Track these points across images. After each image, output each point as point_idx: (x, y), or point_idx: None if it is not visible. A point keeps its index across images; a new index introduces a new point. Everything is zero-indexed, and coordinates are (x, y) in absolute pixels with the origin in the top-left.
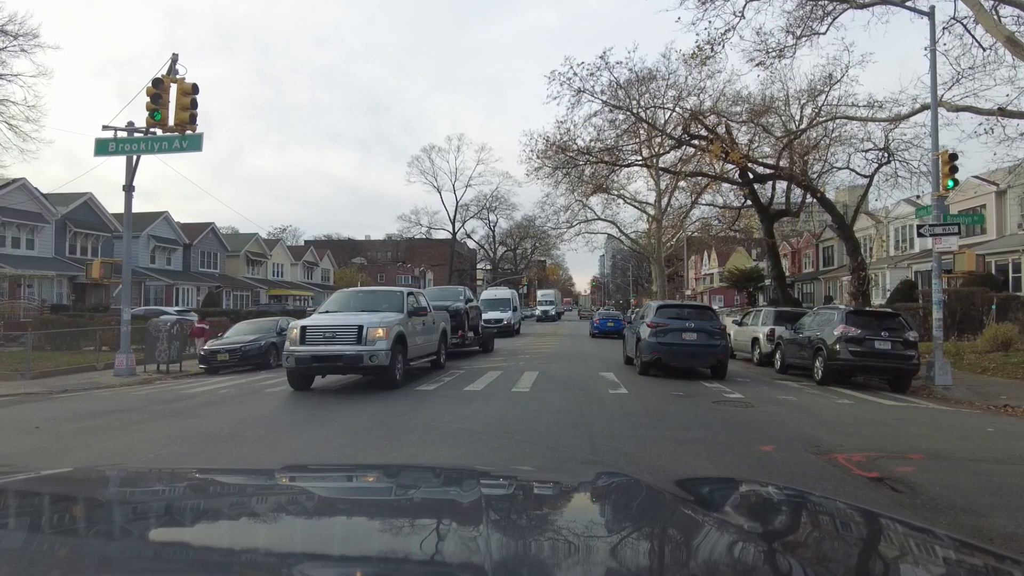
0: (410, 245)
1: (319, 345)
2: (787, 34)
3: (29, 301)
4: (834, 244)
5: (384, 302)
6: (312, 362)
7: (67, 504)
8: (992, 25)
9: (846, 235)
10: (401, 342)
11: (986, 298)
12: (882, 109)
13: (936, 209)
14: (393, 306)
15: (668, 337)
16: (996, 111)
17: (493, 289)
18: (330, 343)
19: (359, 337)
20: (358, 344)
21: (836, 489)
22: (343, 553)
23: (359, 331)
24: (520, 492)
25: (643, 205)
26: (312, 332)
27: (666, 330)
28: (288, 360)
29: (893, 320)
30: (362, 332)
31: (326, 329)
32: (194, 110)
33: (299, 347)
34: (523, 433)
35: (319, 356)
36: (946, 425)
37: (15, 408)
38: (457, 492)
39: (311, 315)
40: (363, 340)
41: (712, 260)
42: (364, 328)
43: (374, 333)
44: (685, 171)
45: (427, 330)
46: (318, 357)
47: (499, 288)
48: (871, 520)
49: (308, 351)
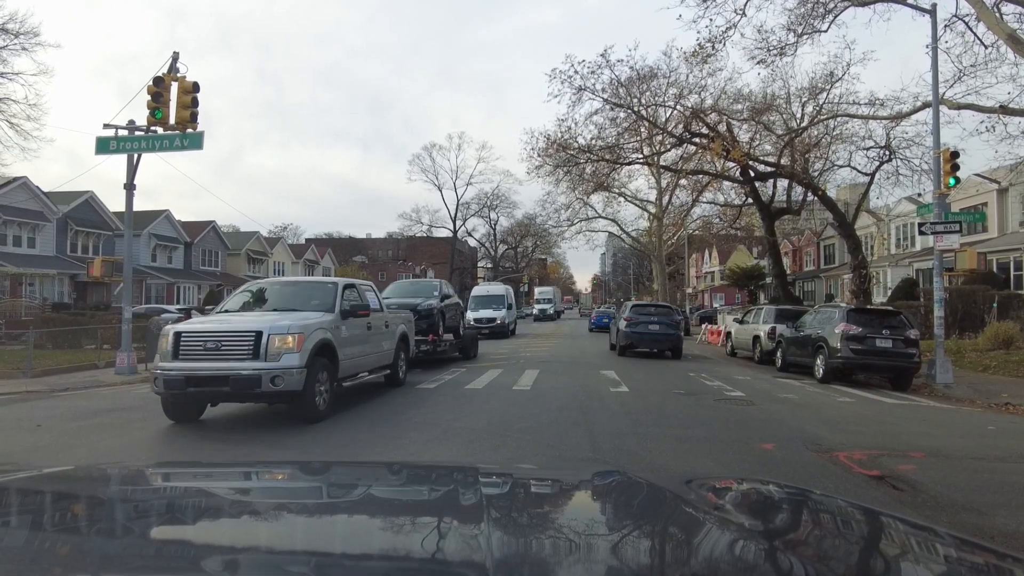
0: (411, 243)
1: (197, 360)
2: (788, 32)
3: (30, 299)
4: (835, 242)
5: (309, 298)
6: (187, 385)
7: (69, 502)
8: (994, 22)
9: (847, 233)
10: (327, 354)
11: (987, 296)
12: (883, 107)
13: (937, 207)
14: (321, 303)
15: (639, 328)
16: (998, 109)
17: (485, 285)
18: (213, 358)
19: (256, 348)
20: (254, 359)
21: (837, 487)
22: (344, 551)
23: (256, 340)
24: (521, 490)
25: (644, 203)
26: (189, 342)
27: (637, 323)
28: (156, 383)
29: (894, 318)
30: (261, 341)
31: (208, 337)
32: (195, 108)
33: (169, 364)
34: (524, 431)
35: (196, 377)
36: (947, 423)
37: (17, 406)
38: (458, 490)
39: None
40: (263, 353)
41: (713, 258)
42: (265, 335)
43: (280, 343)
44: (686, 169)
45: (374, 336)
46: (195, 378)
47: (492, 284)
48: (872, 518)
49: (180, 370)
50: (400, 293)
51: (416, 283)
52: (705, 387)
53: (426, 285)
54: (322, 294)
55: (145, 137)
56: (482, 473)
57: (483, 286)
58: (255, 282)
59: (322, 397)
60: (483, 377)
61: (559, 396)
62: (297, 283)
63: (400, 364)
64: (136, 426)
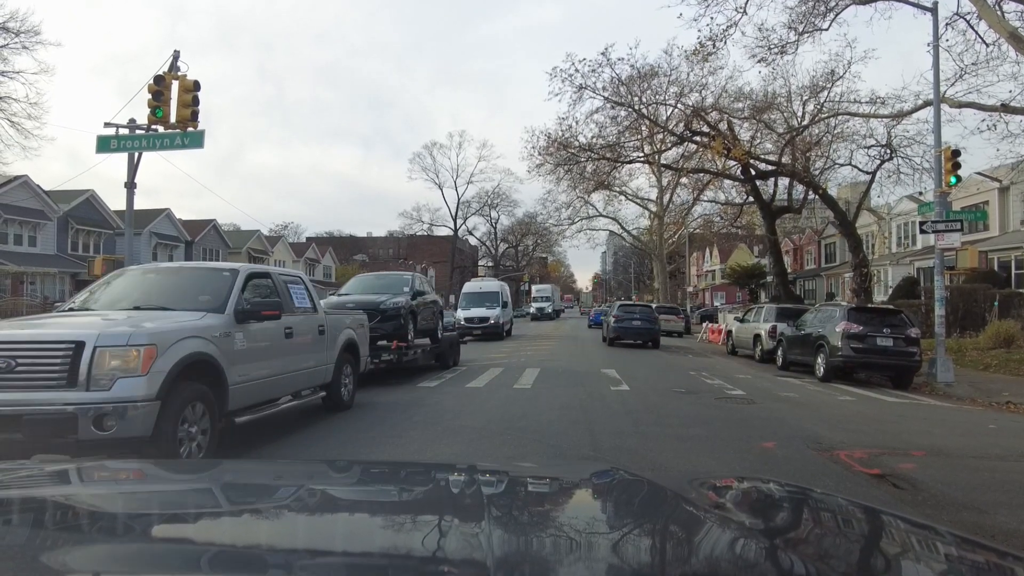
0: (412, 242)
1: None
2: (789, 30)
3: (31, 298)
4: (836, 241)
5: (193, 292)
6: None
7: (71, 498)
8: (995, 21)
9: (848, 232)
10: (204, 376)
11: (988, 295)
12: (884, 105)
13: (939, 206)
14: (210, 300)
15: (623, 323)
16: (999, 107)
17: (477, 280)
18: None
19: (74, 369)
20: (69, 387)
21: (837, 486)
22: (345, 549)
23: (74, 355)
24: (522, 488)
25: (645, 202)
26: None
27: (622, 319)
28: None
29: (895, 317)
30: (82, 358)
31: None
32: (196, 107)
33: None
34: (525, 430)
35: None
36: (948, 422)
37: None
38: (459, 488)
39: None
40: (83, 377)
41: (714, 257)
42: (88, 348)
43: (113, 360)
44: (687, 168)
45: (298, 346)
46: None
47: (485, 279)
48: (872, 517)
49: None
50: (362, 288)
51: (383, 276)
52: (706, 386)
53: (395, 279)
54: (212, 287)
55: (146, 136)
56: (482, 471)
57: (475, 282)
58: (123, 270)
59: (191, 445)
60: (485, 375)
61: (560, 395)
62: (178, 271)
63: (345, 382)
64: None
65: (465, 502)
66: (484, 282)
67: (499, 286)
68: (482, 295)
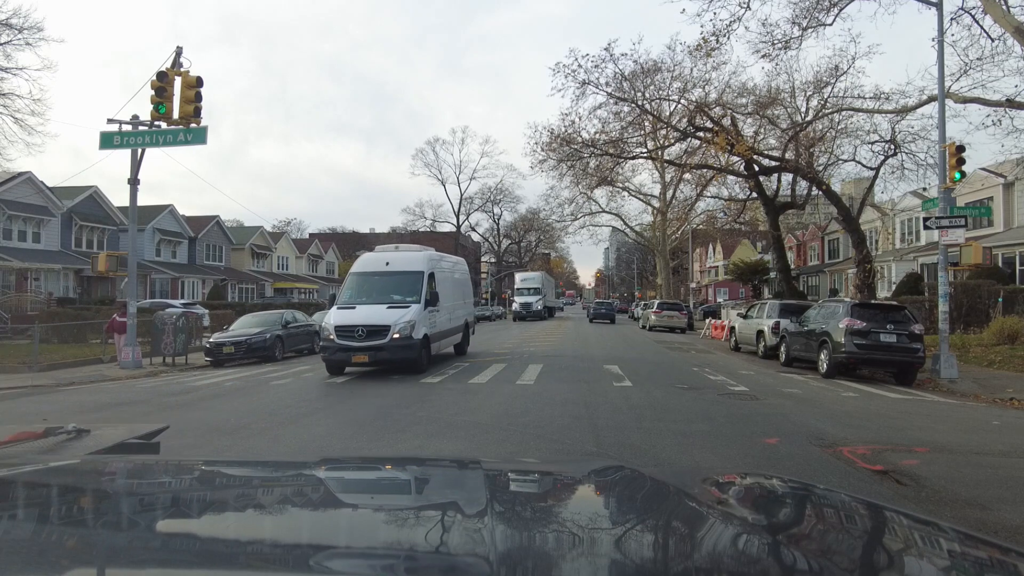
0: (414, 238)
1: None
2: (793, 25)
3: (36, 294)
4: (840, 237)
5: None
6: None
7: (75, 495)
8: (1001, 15)
9: (852, 227)
10: None
11: (993, 291)
12: (888, 101)
13: (943, 201)
14: None
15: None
16: (1004, 102)
17: (382, 251)
18: None
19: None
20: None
21: (841, 482)
22: (348, 544)
23: (390, 327)
24: (524, 484)
25: (648, 198)
26: None
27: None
28: None
29: (899, 313)
30: (390, 329)
31: None
32: (198, 103)
33: None
34: (528, 425)
35: None
36: (951, 418)
37: (23, 400)
38: (462, 483)
39: None
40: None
41: (717, 253)
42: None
43: None
44: (690, 163)
45: None
46: None
47: (390, 251)
48: (876, 513)
49: None
50: None
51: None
52: (709, 382)
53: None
54: None
55: (149, 132)
56: (485, 466)
57: (379, 252)
58: None
59: None
60: (487, 371)
61: (563, 391)
62: None
63: None
64: (141, 420)
65: (467, 497)
66: (386, 255)
67: (424, 262)
68: (386, 280)
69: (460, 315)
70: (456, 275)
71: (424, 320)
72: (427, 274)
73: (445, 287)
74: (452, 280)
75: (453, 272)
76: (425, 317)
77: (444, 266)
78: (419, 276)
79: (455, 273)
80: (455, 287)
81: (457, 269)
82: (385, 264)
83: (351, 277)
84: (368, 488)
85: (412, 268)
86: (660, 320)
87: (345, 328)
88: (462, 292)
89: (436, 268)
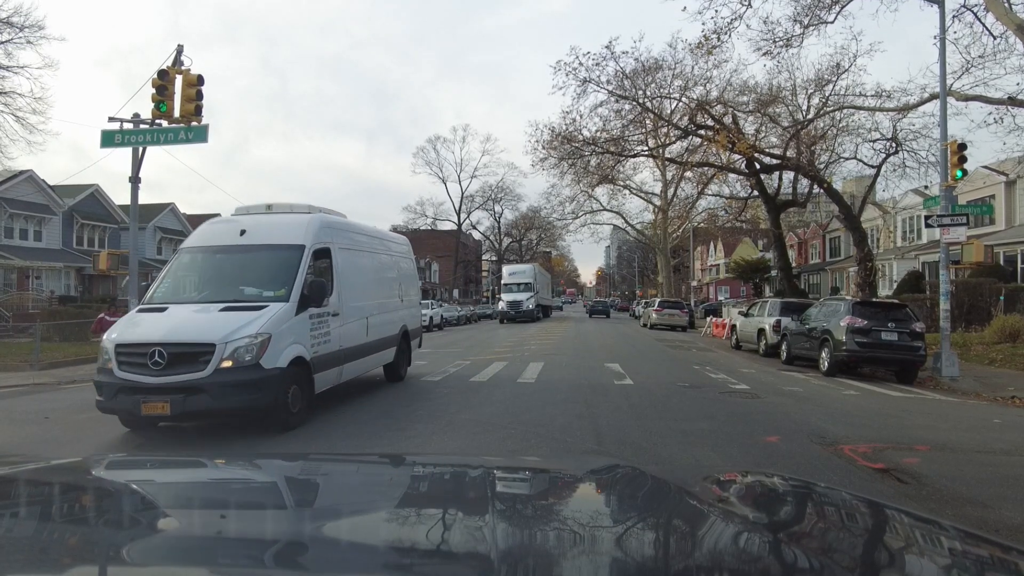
0: (415, 236)
1: None
2: (795, 23)
3: (37, 292)
4: (841, 235)
5: None
6: None
7: (77, 493)
8: (1003, 13)
9: (853, 226)
10: None
11: (994, 289)
12: (890, 99)
13: (944, 199)
14: None
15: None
16: (1006, 100)
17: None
18: None
19: None
20: None
21: (842, 480)
22: (351, 541)
23: None
24: (525, 482)
25: (649, 196)
26: None
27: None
28: None
29: (900, 311)
30: None
31: None
32: (199, 101)
33: None
34: (529, 423)
35: None
36: (952, 416)
37: (24, 398)
38: (463, 481)
39: None
40: None
41: (718, 251)
42: None
43: None
44: (691, 161)
45: None
46: None
47: (283, 211)
48: (876, 511)
49: None
50: None
51: None
52: (710, 380)
53: None
54: None
55: (150, 130)
56: (486, 465)
57: (210, 225)
58: None
59: None
60: (488, 369)
61: (564, 389)
62: None
63: None
64: None
65: (469, 495)
66: (259, 221)
67: (307, 226)
68: (235, 265)
69: (390, 321)
70: (384, 257)
71: (296, 332)
72: (309, 251)
73: (358, 275)
74: (376, 265)
75: (376, 252)
76: (299, 327)
77: (357, 242)
78: (294, 255)
79: (382, 254)
80: (381, 276)
81: (388, 249)
82: (239, 234)
83: (179, 257)
84: (368, 485)
85: (283, 241)
86: (661, 318)
87: (131, 349)
88: (396, 285)
89: (335, 243)
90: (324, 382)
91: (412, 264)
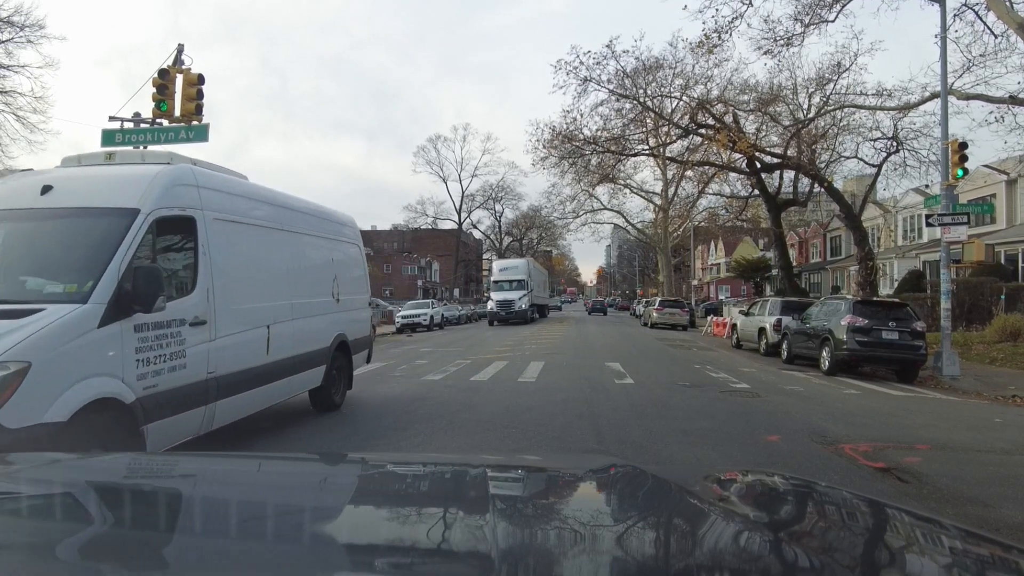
0: (416, 235)
1: None
2: (795, 22)
3: None
4: (841, 234)
5: None
6: None
7: (81, 491)
8: (1004, 12)
9: (854, 225)
10: None
11: (995, 288)
12: (891, 98)
13: (945, 198)
14: None
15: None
16: (1007, 99)
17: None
18: None
19: None
20: None
21: (842, 479)
22: (350, 541)
23: None
24: (526, 481)
25: (650, 195)
26: None
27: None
28: None
29: (901, 310)
30: None
31: None
32: (200, 101)
33: None
34: (529, 423)
35: None
36: (953, 416)
37: None
38: (463, 481)
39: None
40: None
41: (719, 250)
42: None
43: None
44: (692, 160)
45: None
46: None
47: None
48: (877, 510)
49: None
50: None
51: None
52: (710, 379)
53: None
54: None
55: (151, 129)
56: (486, 464)
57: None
58: None
59: None
60: (489, 368)
61: (564, 388)
62: None
63: None
64: None
65: (469, 494)
66: (71, 175)
67: (149, 181)
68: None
69: (315, 330)
70: (307, 239)
71: (100, 355)
72: (146, 220)
73: (251, 263)
74: (291, 250)
75: (295, 231)
76: (106, 346)
77: (253, 214)
78: (115, 224)
79: (304, 234)
80: (300, 265)
81: (316, 228)
82: (39, 193)
83: None
84: (368, 485)
85: (101, 203)
86: (662, 317)
87: None
88: (328, 279)
89: (206, 211)
90: (167, 434)
91: (359, 251)
